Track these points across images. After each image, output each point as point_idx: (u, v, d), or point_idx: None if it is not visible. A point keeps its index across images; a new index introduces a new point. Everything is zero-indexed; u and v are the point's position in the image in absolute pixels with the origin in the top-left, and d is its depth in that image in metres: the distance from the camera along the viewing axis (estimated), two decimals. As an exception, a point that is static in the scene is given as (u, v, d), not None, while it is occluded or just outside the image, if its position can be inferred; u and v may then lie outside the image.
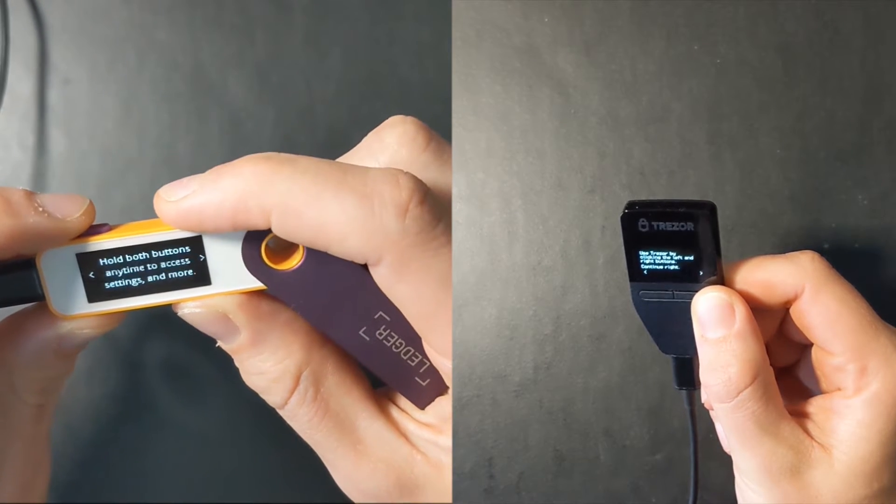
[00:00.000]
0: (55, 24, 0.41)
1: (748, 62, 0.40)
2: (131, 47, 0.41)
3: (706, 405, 0.35)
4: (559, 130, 0.41)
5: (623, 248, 0.32)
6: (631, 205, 0.31)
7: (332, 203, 0.26)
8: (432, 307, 0.28)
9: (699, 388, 0.34)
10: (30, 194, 0.28)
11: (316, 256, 0.29)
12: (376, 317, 0.30)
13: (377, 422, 0.31)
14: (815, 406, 0.32)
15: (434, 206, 0.27)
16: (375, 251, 0.27)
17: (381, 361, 0.31)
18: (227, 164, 0.27)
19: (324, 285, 0.29)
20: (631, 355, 0.40)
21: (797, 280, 0.31)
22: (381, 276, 0.28)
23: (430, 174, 0.30)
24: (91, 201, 0.29)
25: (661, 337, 0.33)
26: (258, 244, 0.29)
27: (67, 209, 0.29)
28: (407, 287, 0.28)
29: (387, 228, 0.26)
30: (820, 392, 0.33)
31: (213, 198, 0.27)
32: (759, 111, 0.40)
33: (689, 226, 0.31)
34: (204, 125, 0.41)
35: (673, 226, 0.31)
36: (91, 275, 0.29)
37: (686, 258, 0.31)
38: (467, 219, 0.41)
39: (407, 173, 0.27)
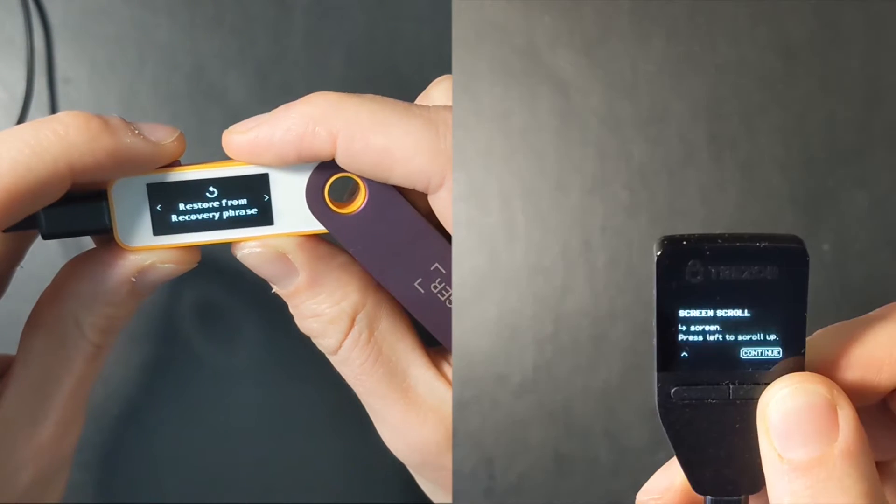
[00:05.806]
0: (56, 23, 0.41)
1: (748, 62, 0.40)
2: (132, 47, 0.41)
3: None
4: (559, 130, 0.41)
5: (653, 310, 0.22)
6: (671, 240, 0.20)
7: (398, 126, 0.27)
8: None
9: None
10: (124, 120, 0.29)
11: (378, 202, 0.29)
12: (432, 268, 0.30)
13: (429, 371, 0.30)
14: None
15: None
16: (440, 172, 0.27)
17: (434, 316, 0.30)
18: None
19: (383, 231, 0.29)
20: (631, 355, 0.40)
21: None
22: (443, 201, 0.28)
23: None
24: (181, 131, 0.30)
25: (698, 465, 0.22)
26: (322, 186, 0.29)
27: (161, 134, 0.29)
28: None
29: (451, 150, 0.27)
30: None
31: (282, 125, 0.28)
32: (759, 111, 0.40)
33: (773, 271, 0.20)
34: (204, 125, 0.41)
35: (743, 272, 0.20)
36: (158, 207, 0.29)
37: (757, 328, 0.21)
38: (467, 219, 0.41)
39: None
